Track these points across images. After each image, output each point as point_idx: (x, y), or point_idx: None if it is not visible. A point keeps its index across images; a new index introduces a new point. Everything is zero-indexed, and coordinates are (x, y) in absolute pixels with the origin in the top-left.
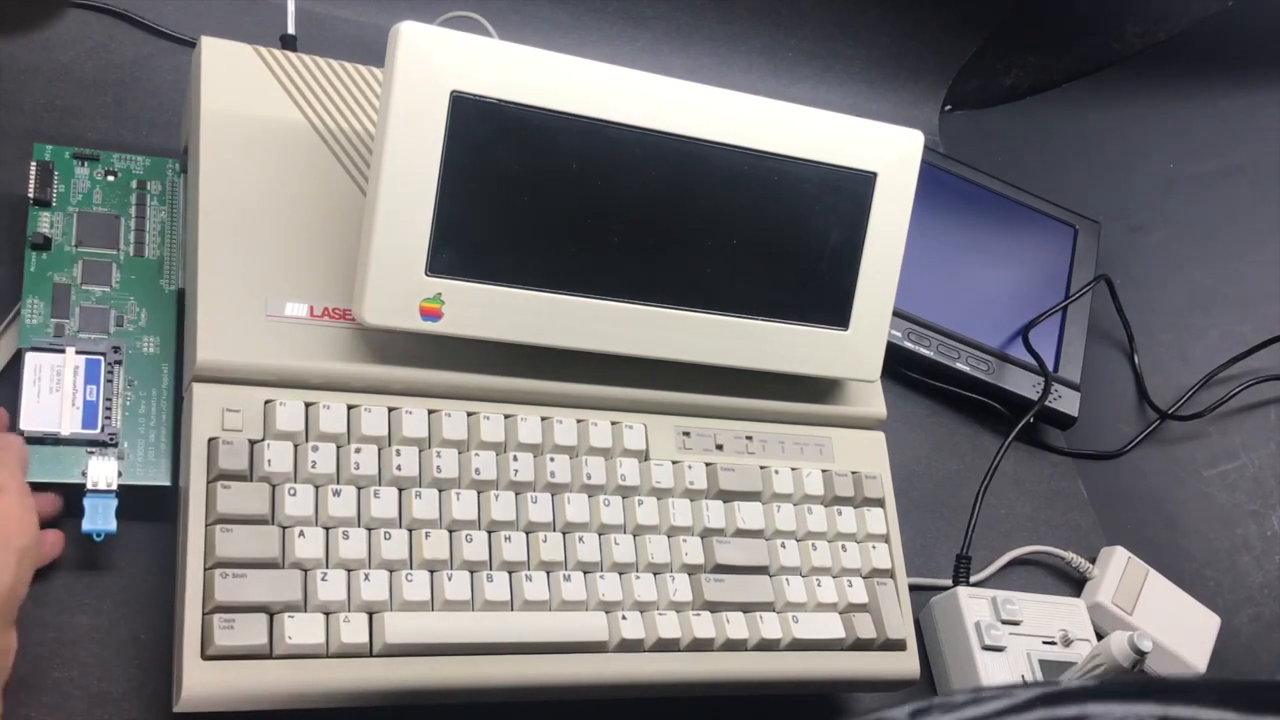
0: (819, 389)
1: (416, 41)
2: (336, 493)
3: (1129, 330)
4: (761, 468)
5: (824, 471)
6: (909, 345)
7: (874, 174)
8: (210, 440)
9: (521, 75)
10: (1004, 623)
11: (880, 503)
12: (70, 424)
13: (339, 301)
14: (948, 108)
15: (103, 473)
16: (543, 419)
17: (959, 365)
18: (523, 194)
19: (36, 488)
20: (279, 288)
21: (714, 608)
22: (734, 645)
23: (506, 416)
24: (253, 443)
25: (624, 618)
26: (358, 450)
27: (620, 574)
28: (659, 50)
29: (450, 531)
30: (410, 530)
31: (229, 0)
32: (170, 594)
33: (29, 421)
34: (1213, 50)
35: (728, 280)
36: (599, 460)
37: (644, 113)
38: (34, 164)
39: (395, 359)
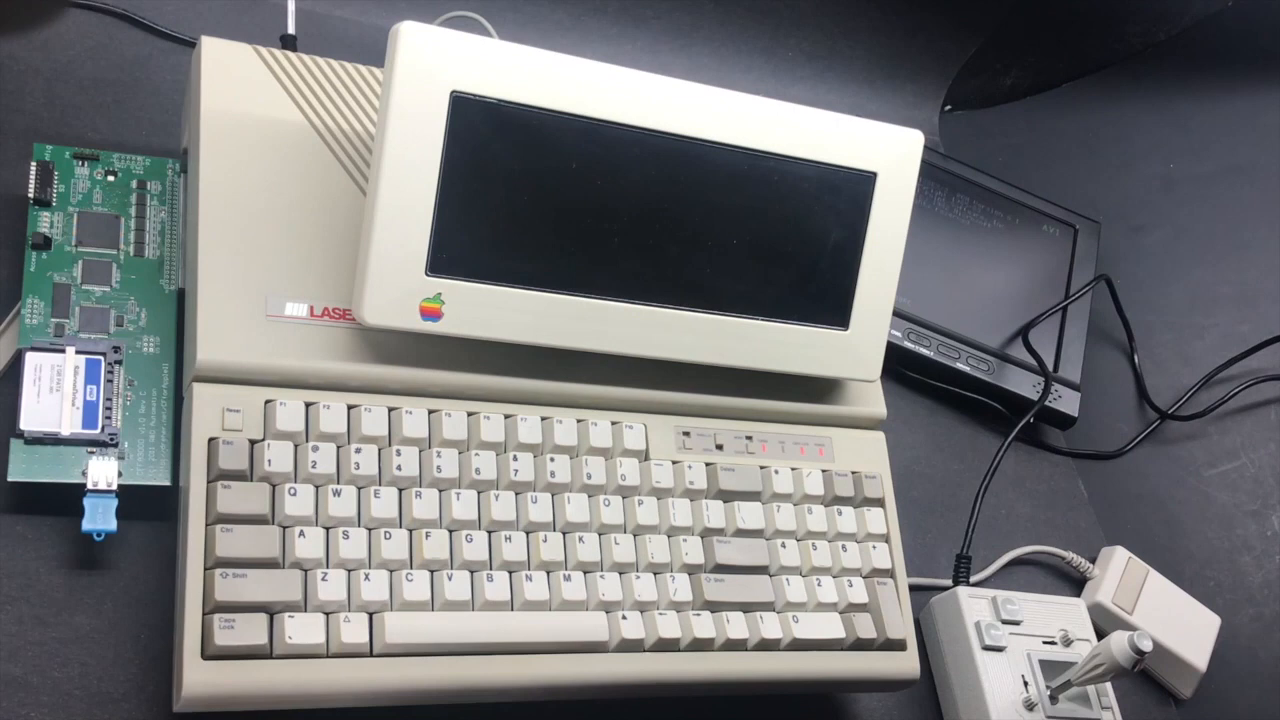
0: (819, 389)
1: (416, 41)
2: (336, 493)
3: (1129, 330)
4: (761, 468)
5: (824, 471)
6: (909, 345)
7: (874, 174)
8: (210, 440)
9: (521, 75)
10: (1004, 623)
11: (880, 503)
12: (70, 424)
13: (339, 301)
14: (948, 108)
15: (103, 473)
16: (543, 419)
17: (959, 365)
18: (523, 194)
19: (37, 488)
20: (279, 288)
21: (714, 608)
22: (734, 645)
23: (506, 416)
24: (253, 443)
25: (624, 618)
26: (358, 450)
27: (620, 574)
28: (659, 50)
29: (450, 531)
30: (410, 530)
31: (229, 0)
32: (170, 594)
33: (29, 421)
34: (1213, 50)
35: (728, 280)
36: (599, 460)
37: (644, 113)
38: (34, 164)
39: (395, 359)
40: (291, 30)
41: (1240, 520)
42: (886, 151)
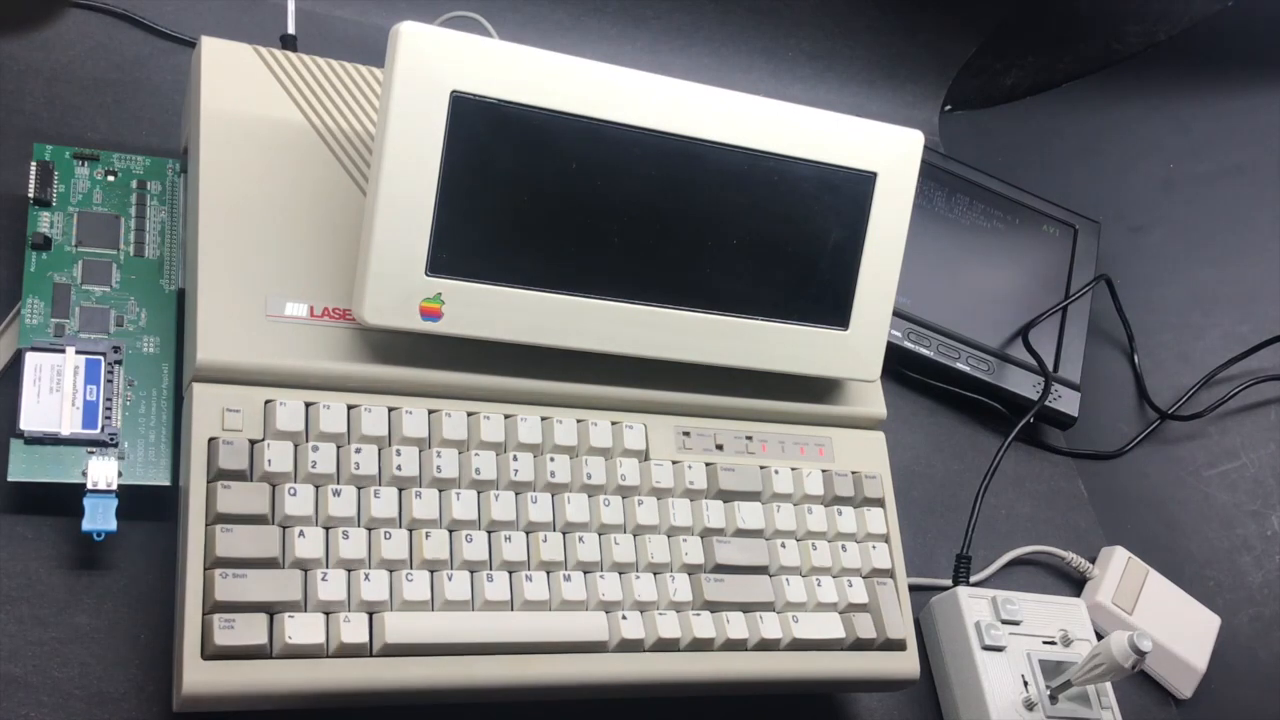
0: (819, 389)
1: (416, 41)
2: (336, 492)
3: (1129, 330)
4: (761, 468)
5: (824, 471)
6: (909, 345)
7: (874, 174)
8: (210, 440)
9: (521, 75)
10: (1004, 623)
11: (880, 503)
12: (70, 424)
13: (339, 301)
14: (948, 108)
15: (103, 473)
16: (543, 419)
17: (959, 365)
18: (522, 194)
19: (37, 488)
20: (279, 288)
21: (714, 608)
22: (734, 645)
23: (506, 416)
24: (253, 442)
25: (624, 618)
26: (358, 450)
27: (620, 574)
28: (659, 50)
29: (450, 531)
30: (410, 530)
31: (229, 0)
32: (170, 594)
33: (29, 421)
34: (1213, 50)
35: (727, 280)
36: (599, 460)
37: (644, 113)
38: (34, 164)
39: (395, 359)
40: (291, 30)
41: (1240, 520)
42: (886, 151)
